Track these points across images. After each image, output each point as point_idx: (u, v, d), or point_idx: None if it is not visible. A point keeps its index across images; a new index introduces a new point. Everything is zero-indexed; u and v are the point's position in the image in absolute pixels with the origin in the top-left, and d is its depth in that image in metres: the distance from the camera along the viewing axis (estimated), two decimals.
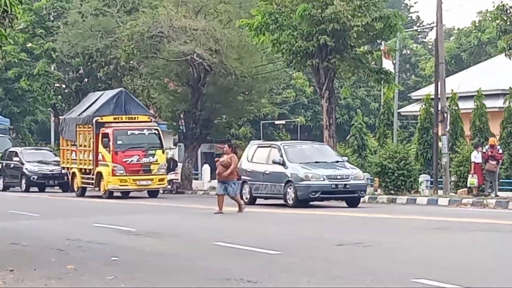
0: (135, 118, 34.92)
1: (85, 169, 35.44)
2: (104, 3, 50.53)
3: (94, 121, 33.76)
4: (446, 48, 49.98)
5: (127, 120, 34.27)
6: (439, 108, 35.07)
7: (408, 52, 74.64)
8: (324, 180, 24.60)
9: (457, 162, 35.85)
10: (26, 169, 41.88)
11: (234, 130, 56.63)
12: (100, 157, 33.57)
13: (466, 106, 42.78)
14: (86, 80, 55.16)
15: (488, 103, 41.87)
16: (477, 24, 70.00)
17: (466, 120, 41.86)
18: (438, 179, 36.93)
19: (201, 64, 43.50)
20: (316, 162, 26.25)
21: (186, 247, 15.79)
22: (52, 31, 54.46)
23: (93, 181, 34.71)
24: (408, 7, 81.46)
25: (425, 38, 77.22)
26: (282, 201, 26.92)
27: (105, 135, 33.29)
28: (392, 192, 34.62)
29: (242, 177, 26.82)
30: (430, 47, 69.31)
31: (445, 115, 34.96)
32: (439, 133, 34.69)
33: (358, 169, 28.97)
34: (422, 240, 17.64)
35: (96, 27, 48.89)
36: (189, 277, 11.43)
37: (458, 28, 73.49)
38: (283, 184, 25.57)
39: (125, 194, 34.77)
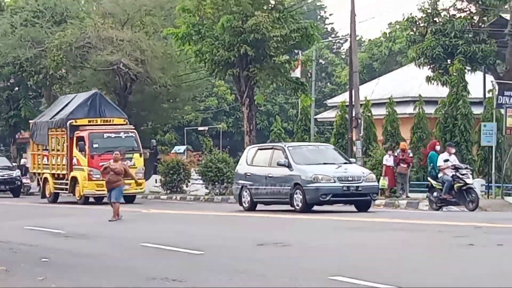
0: (110, 120, 33.38)
1: (59, 174, 33.82)
2: (33, 14, 50.40)
3: (68, 124, 32.23)
4: (359, 58, 50.43)
5: (102, 123, 32.83)
6: (353, 115, 35.33)
7: (324, 61, 76.06)
8: (335, 182, 22.20)
9: (371, 165, 35.39)
10: None
11: (159, 136, 56.03)
12: (74, 161, 32.21)
13: (379, 112, 42.80)
14: (17, 88, 55.27)
15: (399, 109, 42.26)
16: (387, 35, 71.59)
17: (379, 126, 41.26)
18: None
19: (127, 74, 43.68)
20: (324, 163, 23.75)
21: (114, 248, 15.74)
22: None
23: (67, 186, 33.26)
24: (324, 18, 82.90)
25: (339, 48, 78.94)
26: (286, 206, 24.38)
27: (80, 139, 31.87)
28: None
29: (241, 181, 25.44)
30: (344, 56, 71.07)
31: (359, 121, 35.40)
32: (354, 138, 34.95)
33: (369, 170, 26.63)
34: (339, 240, 17.62)
35: (26, 37, 48.77)
36: (117, 277, 11.50)
37: (369, 40, 75.61)
38: (289, 188, 23.04)
39: (99, 200, 32.35)
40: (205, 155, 43.37)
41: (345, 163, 25.04)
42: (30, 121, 40.78)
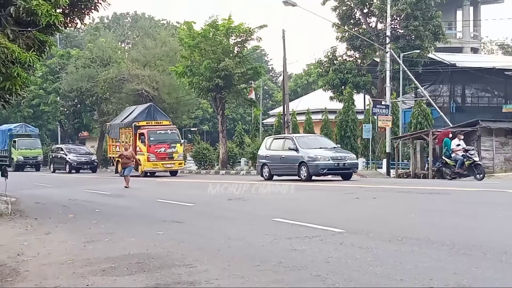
0: (160, 122, 36.41)
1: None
2: (89, 60, 55.95)
3: (133, 125, 35.03)
4: (289, 86, 54.94)
5: (155, 124, 35.54)
6: (285, 120, 40.71)
7: (267, 88, 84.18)
8: (329, 160, 24.52)
9: None
10: (69, 158, 45.54)
11: None
12: (138, 149, 34.12)
13: (301, 118, 48.74)
14: (79, 105, 61.12)
15: (313, 116, 47.96)
16: (306, 71, 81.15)
17: (301, 127, 47.82)
18: None
19: (147, 96, 48.60)
20: (320, 148, 25.95)
21: (140, 202, 18.82)
22: (58, 76, 60.36)
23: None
24: (267, 61, 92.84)
25: (276, 79, 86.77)
26: (293, 177, 26.31)
27: (142, 134, 34.40)
28: None
29: (262, 160, 27.58)
30: (279, 85, 74.04)
31: (289, 124, 40.50)
32: (286, 134, 36.27)
33: (351, 153, 29.04)
34: (290, 196, 20.16)
35: (84, 74, 54.41)
36: (141, 220, 14.26)
37: (295, 74, 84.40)
38: (297, 164, 25.20)
39: (152, 174, 35.45)
40: (195, 146, 48.04)
41: (334, 147, 27.75)
42: (106, 123, 45.14)
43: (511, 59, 58.78)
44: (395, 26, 42.45)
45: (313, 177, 25.57)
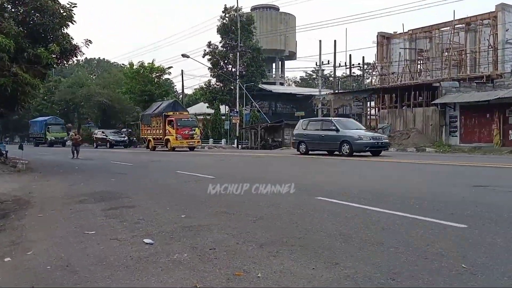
0: (182, 113, 31.22)
1: (157, 138, 31.01)
2: (72, 83, 53.91)
3: (163, 114, 30.26)
4: (186, 100, 51.79)
5: (178, 114, 30.38)
6: None
7: None
8: (370, 139, 17.98)
9: None
10: (110, 138, 39.68)
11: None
12: (167, 131, 29.80)
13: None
14: (65, 109, 55.90)
15: (199, 117, 39.47)
16: (195, 92, 72.56)
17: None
18: None
19: (106, 104, 48.33)
20: (357, 129, 19.28)
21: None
22: (53, 92, 56.12)
23: (163, 143, 30.31)
24: (174, 85, 74.81)
25: (179, 97, 73.41)
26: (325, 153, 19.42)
27: (171, 121, 29.53)
28: None
29: (299, 139, 20.56)
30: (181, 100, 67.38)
31: None
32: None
33: (382, 134, 21.39)
34: (190, 159, 18.90)
35: (68, 91, 53.15)
36: (103, 173, 12.99)
37: (188, 94, 75.96)
38: (339, 143, 18.38)
39: (173, 149, 28.99)
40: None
41: (364, 128, 21.39)
42: (140, 114, 38.08)
43: (298, 89, 61.66)
44: (241, 70, 42.80)
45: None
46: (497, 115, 25.20)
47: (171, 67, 45.78)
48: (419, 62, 39.27)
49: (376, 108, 34.61)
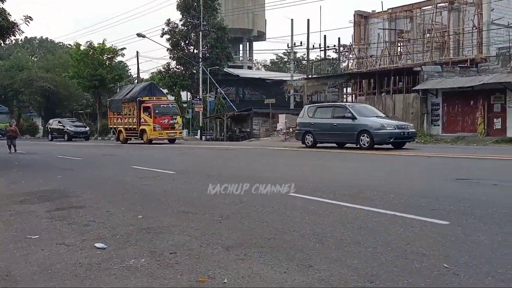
0: (160, 98, 28.93)
1: (130, 128, 29.03)
2: (10, 66, 53.25)
3: (137, 100, 27.94)
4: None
5: (155, 100, 28.15)
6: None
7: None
8: (395, 129, 16.40)
9: None
10: (68, 129, 37.83)
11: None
12: (142, 120, 27.74)
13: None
14: (2, 96, 54.85)
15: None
16: (153, 76, 72.61)
17: None
18: None
19: (49, 90, 48.09)
20: (376, 116, 17.67)
21: (48, 158, 15.43)
22: None
23: (137, 135, 28.47)
24: (129, 69, 74.79)
25: (134, 81, 74.37)
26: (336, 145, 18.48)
27: (147, 108, 27.41)
28: None
29: (304, 128, 18.92)
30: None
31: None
32: None
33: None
34: (148, 153, 19.42)
35: (6, 76, 51.62)
36: (48, 168, 12.71)
37: (144, 78, 76.64)
38: (356, 133, 16.71)
39: (150, 142, 27.27)
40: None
41: (385, 116, 19.22)
42: (107, 99, 36.54)
43: (268, 73, 61.56)
44: (205, 52, 42.76)
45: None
46: (481, 102, 25.93)
47: (125, 48, 44.77)
48: (399, 44, 39.91)
49: (353, 95, 35.13)
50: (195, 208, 6.14)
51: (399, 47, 40.08)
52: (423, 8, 37.10)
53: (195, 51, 43.76)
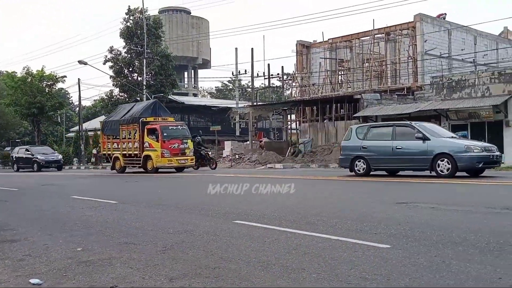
0: (166, 119, 25.35)
1: (129, 154, 24.99)
2: None
3: (140, 121, 24.19)
4: (83, 113, 53.36)
5: (160, 121, 24.63)
6: (80, 134, 40.77)
7: (68, 114, 72.46)
8: (483, 151, 13.82)
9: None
10: (38, 158, 34.07)
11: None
12: (146, 145, 23.89)
13: (91, 133, 45.98)
14: None
15: (99, 132, 50.76)
16: (94, 104, 72.52)
17: (91, 139, 44.13)
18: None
19: None
20: (452, 137, 15.27)
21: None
22: None
23: (139, 162, 24.49)
24: (70, 96, 78.36)
25: (75, 109, 74.93)
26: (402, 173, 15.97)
27: (154, 130, 23.74)
28: None
29: (354, 153, 15.94)
30: (77, 112, 64.51)
31: (83, 136, 41.25)
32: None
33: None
34: (90, 182, 20.01)
35: None
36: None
37: (86, 105, 73.32)
38: (432, 157, 13.87)
39: (156, 171, 23.68)
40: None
41: (453, 137, 15.75)
42: (100, 121, 32.86)
43: (214, 100, 62.55)
44: (149, 79, 42.91)
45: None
46: None
47: (65, 76, 43.75)
48: (340, 73, 41.30)
49: (297, 121, 35.85)
50: (138, 238, 6.00)
51: (340, 76, 41.47)
52: (362, 38, 38.73)
53: (139, 78, 43.99)
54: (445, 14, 38.82)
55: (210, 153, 22.66)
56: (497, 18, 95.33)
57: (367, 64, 38.20)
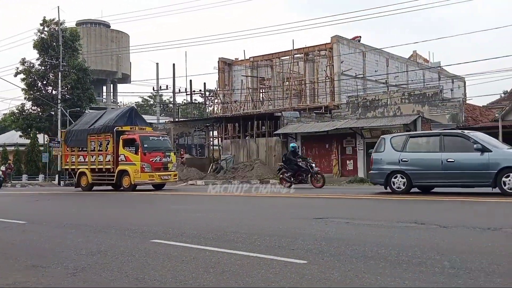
0: (144, 128, 22.51)
1: (99, 169, 22.08)
2: None
3: (114, 130, 21.45)
4: None
5: (138, 130, 22.00)
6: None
7: None
8: None
9: None
10: None
11: None
12: (122, 158, 21.14)
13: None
14: None
15: (8, 148, 44.22)
16: (4, 118, 69.10)
17: (0, 155, 44.88)
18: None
19: None
20: (509, 148, 12.75)
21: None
22: None
23: (111, 178, 21.54)
24: None
25: None
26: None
27: (132, 141, 20.95)
28: None
29: (391, 167, 13.58)
30: None
31: None
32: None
33: None
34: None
35: None
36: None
37: None
38: (494, 172, 11.78)
39: (134, 188, 20.85)
40: None
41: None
42: (62, 130, 28.84)
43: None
44: (64, 93, 41.63)
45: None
46: (335, 145, 28.47)
47: None
48: (261, 91, 42.06)
49: (219, 138, 35.98)
50: (47, 261, 5.66)
51: (261, 94, 42.22)
52: (282, 58, 39.79)
53: (54, 92, 42.68)
54: (360, 37, 40.82)
55: (314, 165, 19.00)
56: (407, 42, 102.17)
57: (287, 83, 39.23)
